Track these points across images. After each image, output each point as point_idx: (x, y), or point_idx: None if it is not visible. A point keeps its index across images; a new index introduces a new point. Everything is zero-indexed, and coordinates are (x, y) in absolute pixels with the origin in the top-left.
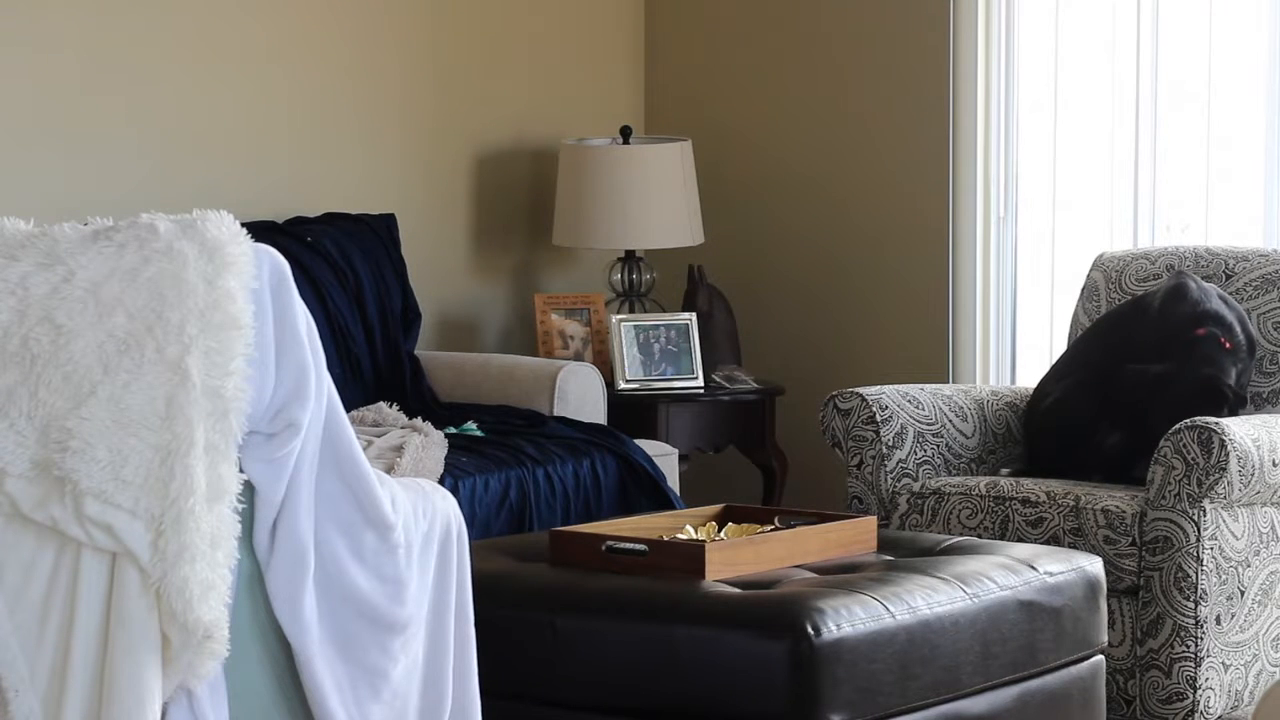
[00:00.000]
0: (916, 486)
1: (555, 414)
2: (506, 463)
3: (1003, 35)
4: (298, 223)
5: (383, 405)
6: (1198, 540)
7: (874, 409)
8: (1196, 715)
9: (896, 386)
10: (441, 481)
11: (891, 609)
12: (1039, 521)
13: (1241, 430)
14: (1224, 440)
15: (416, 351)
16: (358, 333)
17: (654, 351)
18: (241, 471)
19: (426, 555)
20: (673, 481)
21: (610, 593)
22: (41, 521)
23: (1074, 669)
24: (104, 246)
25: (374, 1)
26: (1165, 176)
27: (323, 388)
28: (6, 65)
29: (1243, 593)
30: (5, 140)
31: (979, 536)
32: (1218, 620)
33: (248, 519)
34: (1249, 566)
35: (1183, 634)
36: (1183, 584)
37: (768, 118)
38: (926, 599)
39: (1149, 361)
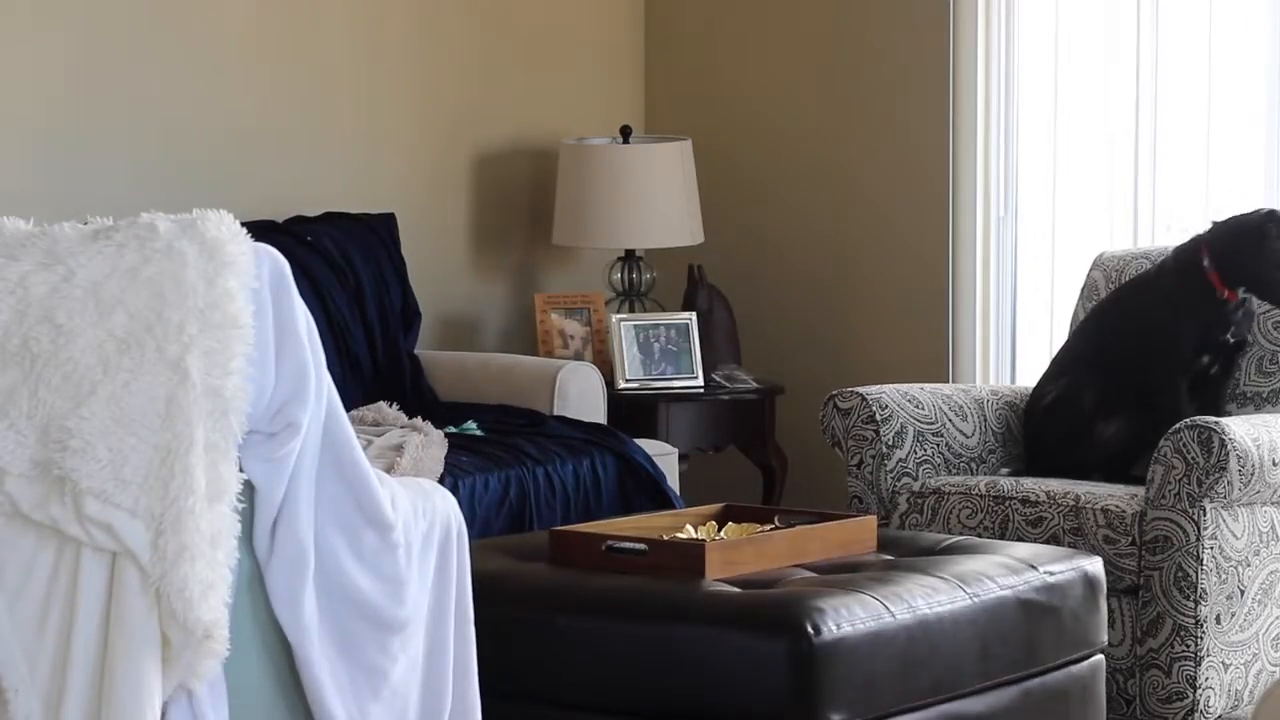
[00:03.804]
0: (916, 486)
1: (555, 414)
2: (506, 462)
3: (1003, 35)
4: (298, 222)
5: (383, 405)
6: (1198, 540)
7: (874, 408)
8: (1196, 715)
9: (896, 386)
10: (441, 481)
11: (891, 609)
12: (1039, 521)
13: (1241, 430)
14: (1224, 440)
15: (416, 351)
16: (358, 332)
17: (654, 351)
18: (241, 471)
19: (426, 555)
20: (673, 481)
21: (610, 592)
22: (41, 521)
23: (1074, 669)
24: (104, 246)
25: (373, 1)
26: (1165, 176)
27: (323, 387)
28: (6, 65)
29: (1243, 592)
30: (5, 140)
31: (979, 536)
32: (1218, 620)
33: (248, 519)
34: (1249, 566)
35: (1183, 633)
36: (1183, 583)
37: (768, 118)
38: (926, 599)
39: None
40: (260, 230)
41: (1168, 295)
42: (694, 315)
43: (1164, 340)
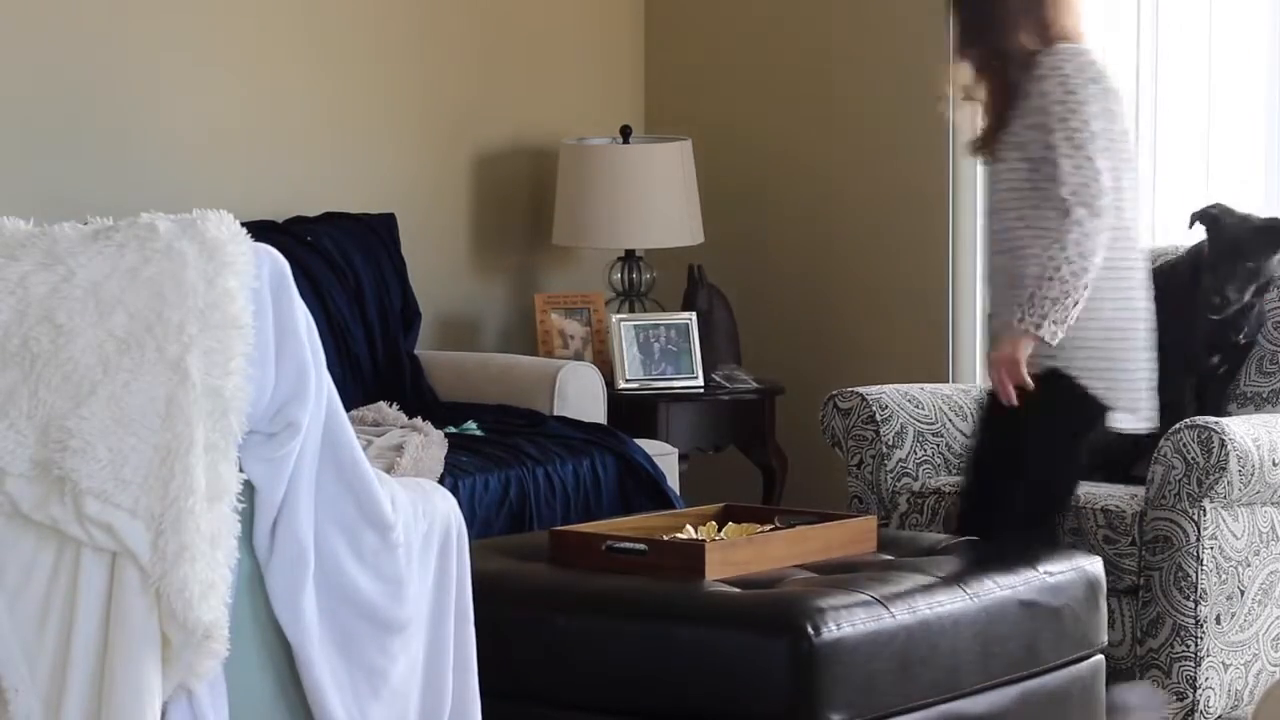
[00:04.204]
0: (916, 486)
1: (555, 414)
2: (506, 462)
3: None
4: (298, 222)
5: (383, 405)
6: (1198, 540)
7: (874, 408)
8: (1196, 715)
9: (896, 386)
10: (441, 481)
11: (891, 609)
12: None
13: (1241, 430)
14: (1224, 440)
15: (416, 351)
16: (358, 332)
17: (654, 351)
18: (241, 471)
19: (426, 555)
20: (673, 481)
21: (610, 593)
22: (41, 521)
23: (1074, 669)
24: (104, 246)
25: (374, 1)
26: (1165, 175)
27: (322, 387)
28: (6, 64)
29: (1243, 592)
30: (5, 140)
31: None
32: (1218, 620)
33: (248, 519)
34: (1249, 566)
35: (1183, 634)
36: (1183, 583)
37: (768, 117)
38: (926, 599)
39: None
40: (260, 230)
41: (1182, 294)
42: (694, 315)
43: (1173, 340)
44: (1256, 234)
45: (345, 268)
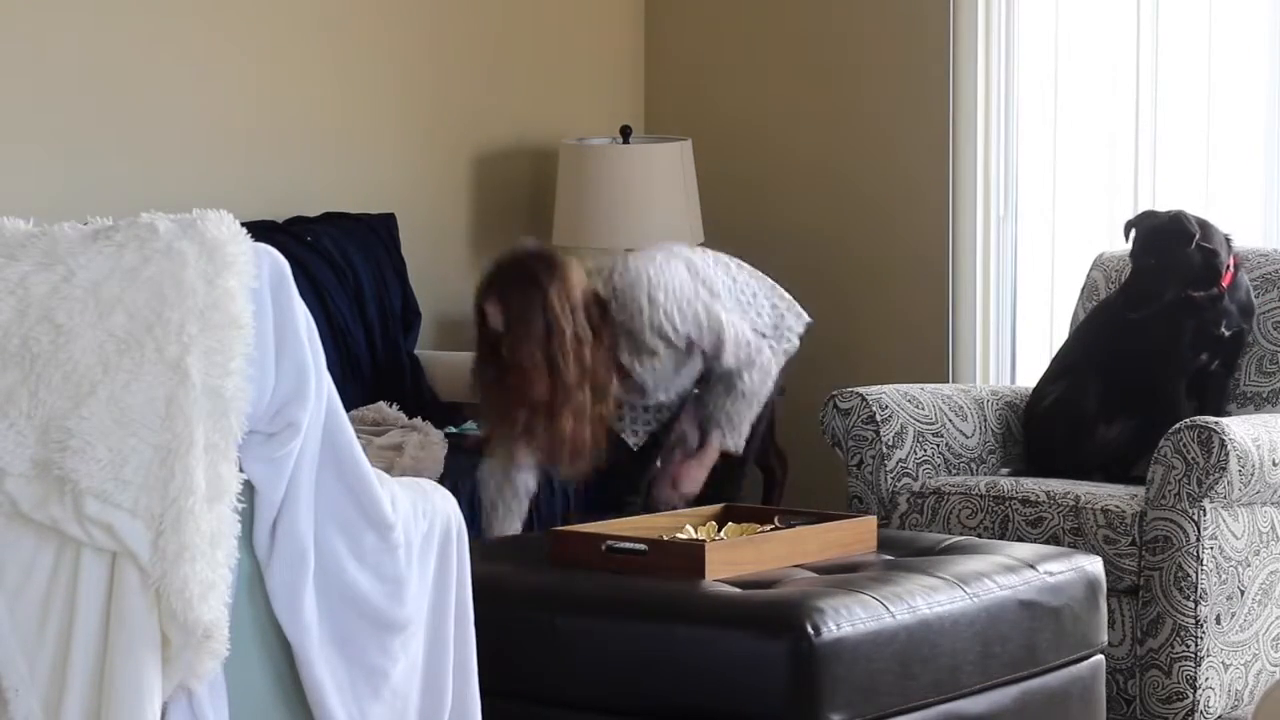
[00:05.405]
0: (916, 486)
1: None
2: None
3: (1003, 35)
4: (298, 222)
5: (383, 405)
6: (1198, 540)
7: (874, 409)
8: (1196, 715)
9: (896, 386)
10: (441, 481)
11: (891, 609)
12: (1039, 521)
13: (1241, 430)
14: (1224, 440)
15: (416, 351)
16: (358, 333)
17: None
18: (241, 471)
19: (426, 555)
20: None
21: (610, 593)
22: (41, 521)
23: (1074, 669)
24: (104, 246)
25: (375, 2)
26: (1165, 177)
27: (322, 388)
28: (6, 65)
29: (1243, 592)
30: (5, 140)
31: (979, 536)
32: (1218, 620)
33: (248, 519)
34: (1249, 566)
35: (1183, 634)
36: (1183, 583)
37: (768, 118)
38: (926, 599)
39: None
40: (260, 230)
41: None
42: None
43: (1163, 339)
44: (1157, 233)
45: (345, 268)
